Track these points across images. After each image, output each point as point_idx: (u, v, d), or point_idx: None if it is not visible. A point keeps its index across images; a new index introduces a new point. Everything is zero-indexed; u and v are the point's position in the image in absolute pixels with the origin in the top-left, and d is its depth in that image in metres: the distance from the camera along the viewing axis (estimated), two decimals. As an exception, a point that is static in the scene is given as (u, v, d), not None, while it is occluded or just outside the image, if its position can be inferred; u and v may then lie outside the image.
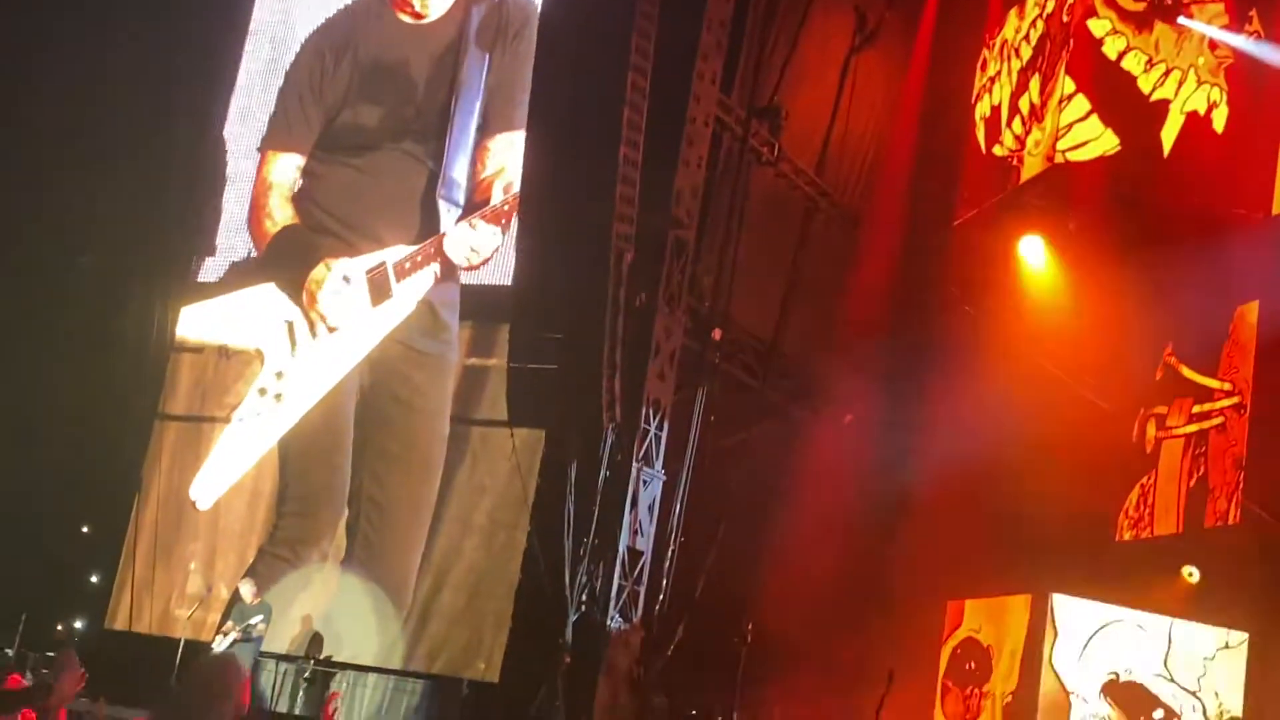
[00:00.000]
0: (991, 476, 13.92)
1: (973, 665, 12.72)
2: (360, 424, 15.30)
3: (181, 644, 14.31)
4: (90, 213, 16.88)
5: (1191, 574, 12.50)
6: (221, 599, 15.23)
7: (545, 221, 12.60)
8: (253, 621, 13.30)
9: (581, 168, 12.32)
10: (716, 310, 14.25)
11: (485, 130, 15.42)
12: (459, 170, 15.41)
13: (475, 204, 15.14)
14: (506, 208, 14.57)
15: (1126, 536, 13.75)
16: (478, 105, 15.40)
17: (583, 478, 13.03)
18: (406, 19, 16.40)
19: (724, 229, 14.34)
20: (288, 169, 16.47)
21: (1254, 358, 12.77)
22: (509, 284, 13.65)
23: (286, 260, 15.97)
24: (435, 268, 15.15)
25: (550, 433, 13.72)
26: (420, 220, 15.43)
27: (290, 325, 15.54)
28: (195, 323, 16.78)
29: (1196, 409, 13.33)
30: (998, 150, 14.86)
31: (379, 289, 15.30)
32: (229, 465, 15.86)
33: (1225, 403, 13.04)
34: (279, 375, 15.63)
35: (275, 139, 16.72)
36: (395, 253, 15.34)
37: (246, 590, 13.96)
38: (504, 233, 14.70)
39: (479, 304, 14.90)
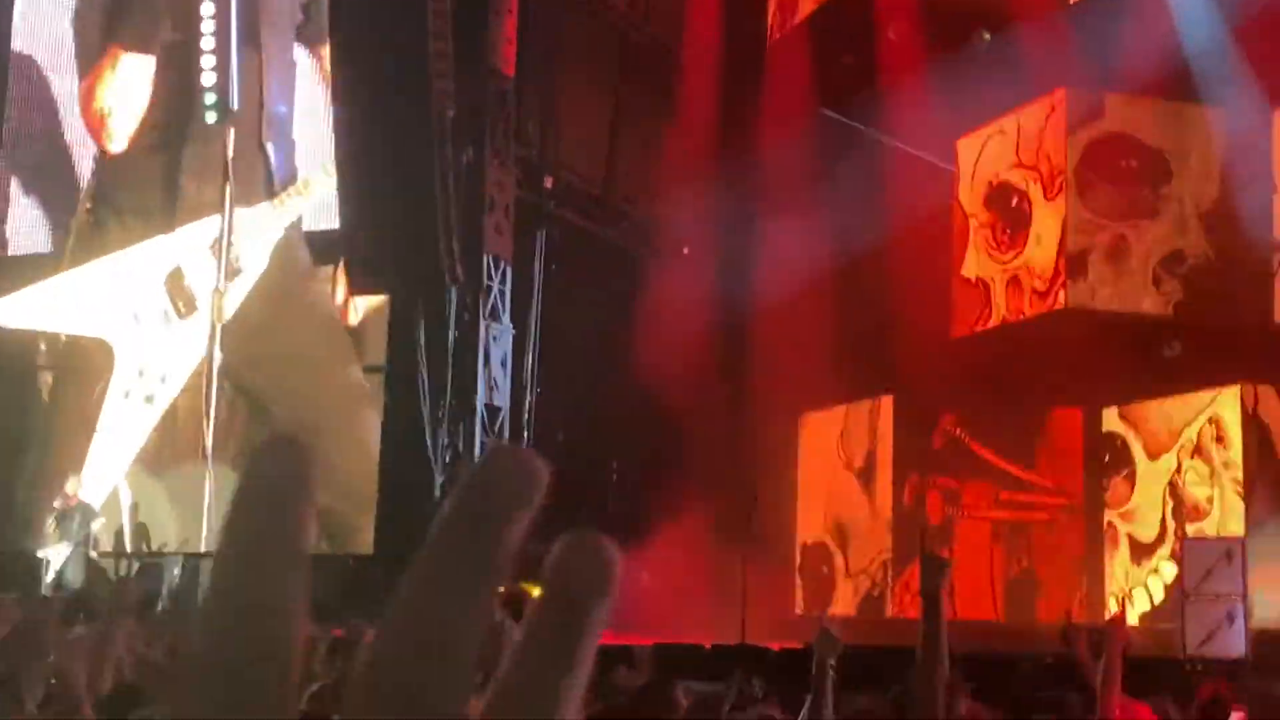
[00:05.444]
0: (831, 288, 14.30)
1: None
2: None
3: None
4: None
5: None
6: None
7: (364, 112, 12.22)
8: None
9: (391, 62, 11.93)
10: (546, 158, 14.20)
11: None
12: None
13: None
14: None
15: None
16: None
17: (432, 339, 13.04)
18: None
19: (544, 73, 14.21)
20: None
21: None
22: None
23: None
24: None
25: (394, 298, 13.63)
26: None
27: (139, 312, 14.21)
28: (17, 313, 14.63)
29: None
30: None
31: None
32: (108, 474, 14.36)
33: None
34: (140, 373, 14.42)
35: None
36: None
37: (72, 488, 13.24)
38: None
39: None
